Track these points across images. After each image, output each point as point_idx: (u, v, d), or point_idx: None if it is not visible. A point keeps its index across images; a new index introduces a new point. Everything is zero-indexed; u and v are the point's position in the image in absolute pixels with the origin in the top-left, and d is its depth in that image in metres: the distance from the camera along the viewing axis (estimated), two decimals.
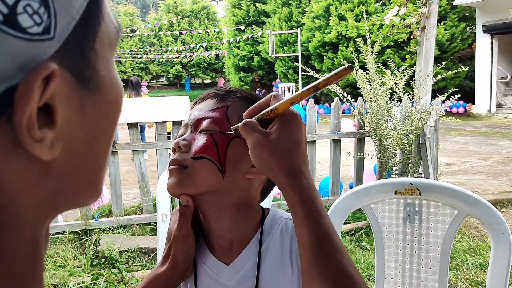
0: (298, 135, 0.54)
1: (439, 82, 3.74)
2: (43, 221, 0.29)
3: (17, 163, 0.25)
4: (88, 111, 0.28)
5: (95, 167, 0.31)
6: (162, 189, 1.74)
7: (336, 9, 13.82)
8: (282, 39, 16.21)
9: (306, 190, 0.52)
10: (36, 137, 0.24)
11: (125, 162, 4.41)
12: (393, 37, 3.89)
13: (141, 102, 3.45)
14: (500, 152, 7.13)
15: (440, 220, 1.28)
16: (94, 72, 0.28)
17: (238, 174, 0.64)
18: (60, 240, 3.03)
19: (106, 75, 0.29)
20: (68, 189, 0.29)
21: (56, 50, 0.25)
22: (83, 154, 0.29)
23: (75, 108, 0.27)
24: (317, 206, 0.52)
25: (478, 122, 11.45)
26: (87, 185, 0.31)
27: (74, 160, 0.28)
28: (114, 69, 0.31)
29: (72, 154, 0.28)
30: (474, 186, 4.56)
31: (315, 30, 14.58)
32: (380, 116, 3.31)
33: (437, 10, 3.39)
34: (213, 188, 0.63)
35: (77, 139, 0.28)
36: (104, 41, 0.29)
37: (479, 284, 2.48)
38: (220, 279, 0.67)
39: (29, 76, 0.23)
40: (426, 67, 3.43)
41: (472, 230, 3.26)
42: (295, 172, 0.53)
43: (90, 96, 0.28)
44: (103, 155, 0.31)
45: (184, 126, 0.68)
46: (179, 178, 0.63)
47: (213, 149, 0.63)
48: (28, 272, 0.28)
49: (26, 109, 0.23)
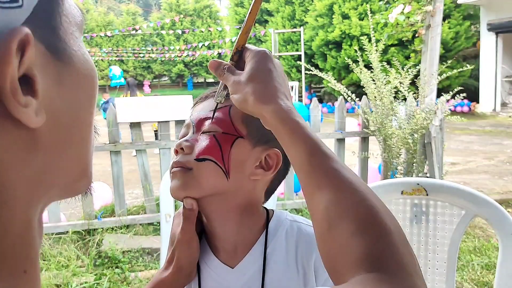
0: (266, 65, 0.55)
1: (443, 81, 3.71)
2: (35, 201, 0.30)
3: (6, 135, 0.26)
4: (65, 82, 0.30)
5: (80, 142, 0.32)
6: (165, 190, 1.73)
7: (340, 8, 13.79)
8: (285, 38, 16.18)
9: (285, 111, 0.51)
10: (21, 102, 0.26)
11: (128, 161, 4.42)
12: (397, 36, 3.86)
13: (144, 101, 3.44)
14: (505, 151, 7.09)
15: (447, 221, 1.26)
16: (66, 45, 0.30)
17: (242, 175, 0.63)
18: (63, 240, 3.03)
19: (77, 50, 0.31)
20: (56, 165, 0.30)
21: (26, 19, 0.27)
22: (67, 126, 0.30)
23: (53, 79, 0.29)
24: (299, 123, 0.51)
25: (483, 121, 11.40)
26: (75, 162, 0.32)
27: (58, 132, 0.30)
28: (85, 48, 0.33)
29: (56, 126, 0.29)
30: (479, 185, 4.52)
31: (318, 28, 14.55)
32: (384, 115, 3.29)
33: (442, 8, 3.36)
34: (217, 190, 0.62)
35: (59, 111, 0.29)
36: (70, 19, 0.31)
37: (485, 285, 2.46)
38: (224, 283, 0.66)
39: (5, 38, 0.25)
40: (431, 66, 3.40)
41: (477, 230, 3.23)
42: (271, 97, 0.53)
43: (65, 67, 0.29)
44: (87, 131, 0.33)
45: (186, 127, 0.67)
46: (183, 181, 0.61)
47: (217, 151, 0.61)
48: (21, 250, 0.28)
49: (7, 71, 0.25)
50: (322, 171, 0.47)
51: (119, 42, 23.62)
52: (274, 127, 0.52)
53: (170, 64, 24.76)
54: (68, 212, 3.91)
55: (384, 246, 0.40)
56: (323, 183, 0.47)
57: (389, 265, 0.39)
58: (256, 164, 0.63)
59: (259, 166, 0.64)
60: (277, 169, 0.65)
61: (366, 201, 0.44)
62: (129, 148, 3.33)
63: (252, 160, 0.62)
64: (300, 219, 0.70)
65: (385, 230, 0.41)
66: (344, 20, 13.64)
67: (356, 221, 0.42)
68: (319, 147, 0.49)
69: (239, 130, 0.62)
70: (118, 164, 3.27)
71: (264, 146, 0.64)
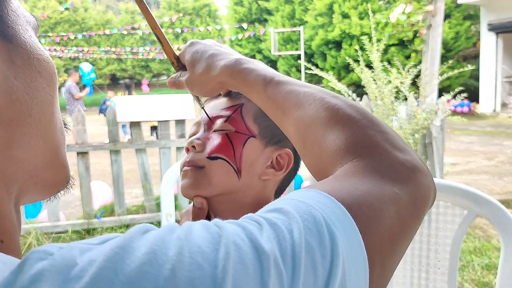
0: (194, 47, 0.57)
1: (443, 81, 3.70)
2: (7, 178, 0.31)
3: None
4: (18, 63, 0.32)
5: (42, 118, 0.34)
6: (166, 189, 1.73)
7: (340, 7, 13.78)
8: (285, 37, 16.16)
9: (230, 66, 0.52)
10: None
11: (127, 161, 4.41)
12: (398, 36, 3.86)
13: (144, 100, 3.43)
14: (505, 152, 7.09)
15: (449, 221, 1.26)
16: (14, 32, 0.32)
17: (253, 175, 0.62)
18: (63, 239, 3.02)
19: (28, 38, 0.34)
20: (20, 140, 0.32)
21: None
22: (25, 102, 0.32)
23: (5, 60, 0.31)
24: (247, 69, 0.52)
25: (483, 121, 11.40)
26: (40, 140, 0.33)
27: (16, 107, 0.31)
28: (38, 42, 0.35)
29: (13, 101, 0.31)
30: (479, 186, 4.52)
31: (318, 28, 14.54)
32: (385, 115, 3.28)
33: (443, 8, 3.35)
34: (228, 189, 0.61)
35: (15, 88, 0.31)
36: (18, 14, 0.34)
37: (485, 285, 2.45)
38: None
39: None
40: (432, 66, 3.40)
41: (477, 231, 3.23)
42: (212, 64, 0.54)
43: (16, 49, 0.32)
44: (48, 110, 0.34)
45: (196, 125, 0.66)
46: (194, 179, 0.61)
47: (229, 149, 0.61)
48: None
49: None
50: (281, 97, 0.48)
51: (117, 41, 23.59)
52: (231, 85, 0.54)
53: (169, 63, 24.67)
54: (67, 211, 3.91)
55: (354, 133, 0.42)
56: (285, 107, 0.48)
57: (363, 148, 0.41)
58: (267, 164, 0.63)
59: (270, 166, 0.63)
60: (288, 170, 0.65)
61: (326, 104, 0.45)
62: (129, 147, 3.33)
63: (264, 159, 0.62)
64: None
65: (350, 120, 0.43)
66: (344, 19, 13.63)
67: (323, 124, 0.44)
68: (271, 78, 0.50)
69: (251, 129, 0.62)
70: (118, 163, 3.26)
71: (276, 146, 0.64)
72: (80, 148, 3.12)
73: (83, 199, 3.23)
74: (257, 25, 17.66)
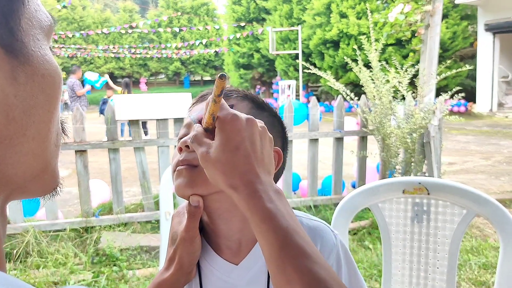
0: (234, 140, 0.50)
1: (440, 81, 3.72)
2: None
3: None
4: (21, 80, 0.31)
5: (37, 137, 0.33)
6: (165, 187, 1.73)
7: (337, 7, 13.79)
8: (283, 36, 16.16)
9: (255, 197, 0.48)
10: None
11: (125, 159, 4.40)
12: (396, 35, 3.87)
13: (143, 98, 3.43)
14: (501, 151, 7.12)
15: (449, 220, 1.26)
16: (23, 45, 0.31)
17: None
18: (61, 238, 3.01)
19: (37, 51, 0.32)
20: (10, 157, 0.31)
21: None
22: (21, 121, 0.31)
23: (8, 77, 0.30)
24: (270, 211, 0.47)
25: (479, 121, 11.44)
26: (30, 157, 0.33)
27: (12, 126, 0.30)
28: (48, 50, 0.34)
29: (9, 120, 0.30)
30: (476, 185, 4.54)
31: (316, 27, 14.54)
32: (383, 114, 3.29)
33: (441, 8, 3.36)
34: None
35: (13, 106, 0.30)
36: (32, 22, 0.32)
37: (482, 284, 2.47)
38: (229, 280, 0.67)
39: None
40: (430, 66, 3.41)
41: (474, 230, 3.24)
42: (239, 183, 0.49)
43: (21, 66, 0.31)
44: (45, 128, 0.33)
45: (186, 126, 0.66)
46: (189, 178, 0.61)
47: None
48: None
49: None
50: (293, 267, 0.45)
51: (115, 39, 23.50)
52: (243, 211, 0.49)
53: (167, 62, 24.66)
54: (65, 209, 3.90)
55: None
56: (294, 280, 0.44)
57: None
58: None
59: None
60: (279, 167, 0.65)
61: None
62: (127, 145, 3.32)
63: None
64: (301, 213, 0.72)
65: None
66: (342, 19, 13.64)
67: None
68: (291, 238, 0.46)
69: None
70: (116, 161, 3.25)
71: None
72: (78, 146, 3.11)
73: (81, 197, 3.22)
74: (255, 24, 17.64)
